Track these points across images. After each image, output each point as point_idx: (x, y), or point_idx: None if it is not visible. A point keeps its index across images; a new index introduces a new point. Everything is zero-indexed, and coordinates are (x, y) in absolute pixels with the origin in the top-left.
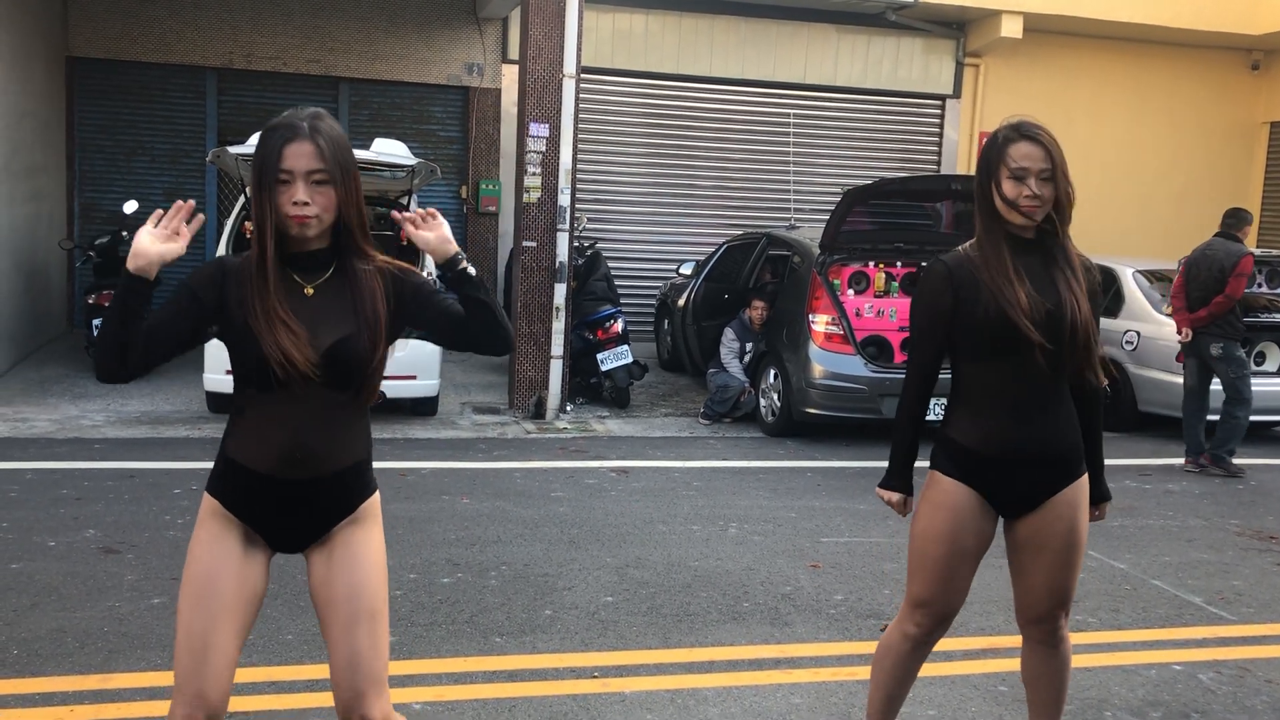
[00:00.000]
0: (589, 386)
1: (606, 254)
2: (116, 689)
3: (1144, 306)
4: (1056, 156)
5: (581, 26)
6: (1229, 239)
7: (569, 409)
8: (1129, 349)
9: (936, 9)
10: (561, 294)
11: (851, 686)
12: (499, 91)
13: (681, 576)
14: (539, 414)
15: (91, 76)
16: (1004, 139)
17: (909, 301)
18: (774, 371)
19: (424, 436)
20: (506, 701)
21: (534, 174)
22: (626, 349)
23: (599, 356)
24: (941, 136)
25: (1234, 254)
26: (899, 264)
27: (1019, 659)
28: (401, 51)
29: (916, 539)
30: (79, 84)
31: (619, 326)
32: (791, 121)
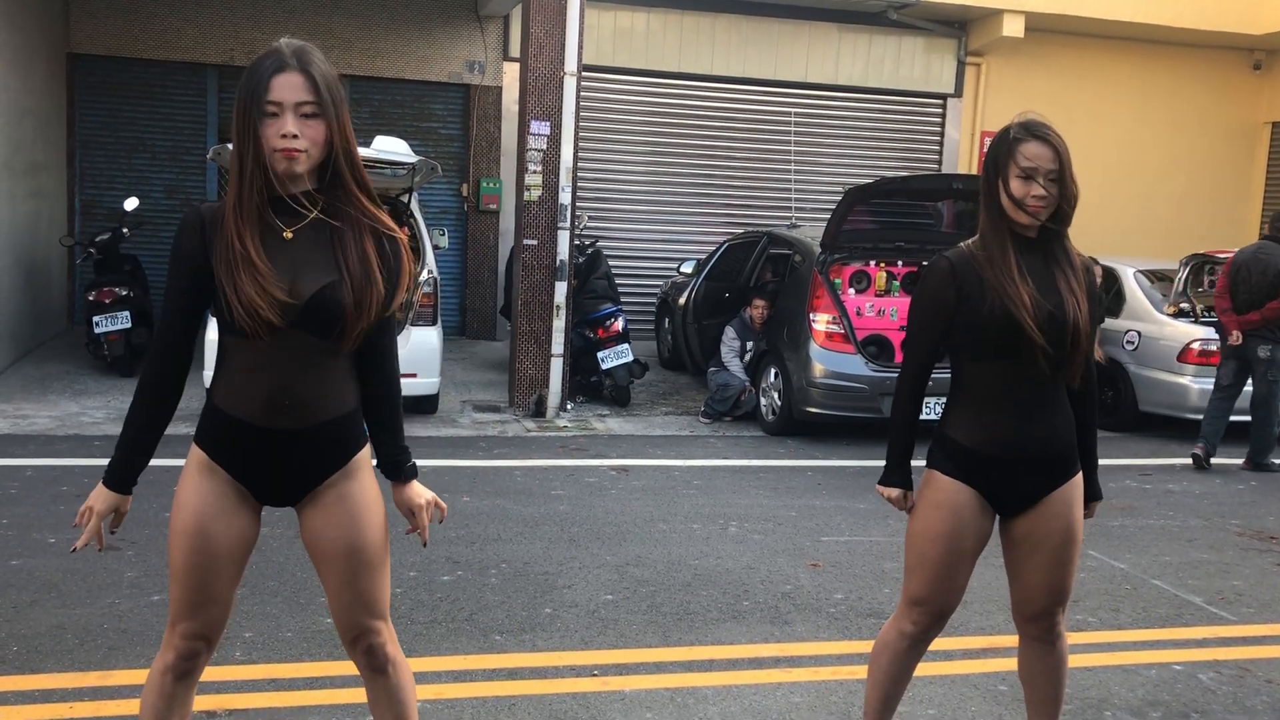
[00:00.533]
0: (589, 385)
1: (607, 252)
2: (116, 686)
3: (1145, 306)
4: (1064, 157)
5: (583, 24)
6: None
7: (569, 407)
8: (1130, 349)
9: (938, 8)
10: (562, 292)
11: (851, 685)
12: (500, 89)
13: (681, 575)
14: (539, 412)
15: (92, 73)
16: (1013, 137)
17: (910, 300)
18: (774, 370)
19: (424, 434)
20: (506, 699)
21: (535, 172)
22: (627, 347)
23: (599, 355)
24: (943, 136)
25: None
26: (900, 263)
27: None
28: (402, 49)
29: (914, 538)
30: (80, 81)
31: (619, 325)
32: (793, 120)
